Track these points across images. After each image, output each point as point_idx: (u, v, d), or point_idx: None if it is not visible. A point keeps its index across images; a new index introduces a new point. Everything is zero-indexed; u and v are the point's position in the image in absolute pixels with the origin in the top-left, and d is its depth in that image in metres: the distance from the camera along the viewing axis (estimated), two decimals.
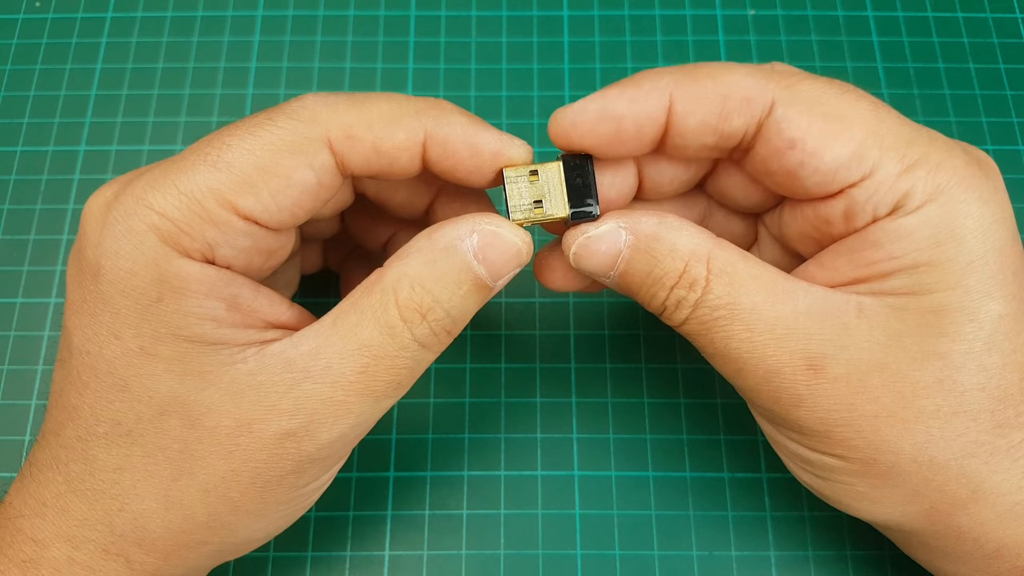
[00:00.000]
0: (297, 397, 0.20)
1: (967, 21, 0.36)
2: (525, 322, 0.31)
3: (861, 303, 0.20)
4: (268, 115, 0.20)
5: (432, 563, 0.28)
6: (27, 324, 0.31)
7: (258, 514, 0.21)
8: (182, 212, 0.19)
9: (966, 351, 0.19)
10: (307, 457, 0.20)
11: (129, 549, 0.20)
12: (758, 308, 0.20)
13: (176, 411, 0.20)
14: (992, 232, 0.19)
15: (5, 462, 0.29)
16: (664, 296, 0.21)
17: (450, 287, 0.20)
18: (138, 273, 0.19)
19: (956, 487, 0.20)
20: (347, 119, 0.20)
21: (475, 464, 0.29)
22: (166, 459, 0.20)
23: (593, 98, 0.20)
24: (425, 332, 0.20)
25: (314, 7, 0.36)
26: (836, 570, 0.28)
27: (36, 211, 0.33)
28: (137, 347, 0.20)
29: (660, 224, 0.21)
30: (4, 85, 0.35)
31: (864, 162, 0.20)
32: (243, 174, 0.19)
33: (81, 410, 0.20)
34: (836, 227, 0.21)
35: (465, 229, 0.20)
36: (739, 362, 0.21)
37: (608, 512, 0.29)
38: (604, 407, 0.30)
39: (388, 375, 0.20)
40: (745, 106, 0.20)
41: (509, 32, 0.36)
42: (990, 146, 0.34)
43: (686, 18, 0.36)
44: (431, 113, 0.21)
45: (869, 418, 0.20)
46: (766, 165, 0.21)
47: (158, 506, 0.20)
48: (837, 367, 0.20)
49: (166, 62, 0.35)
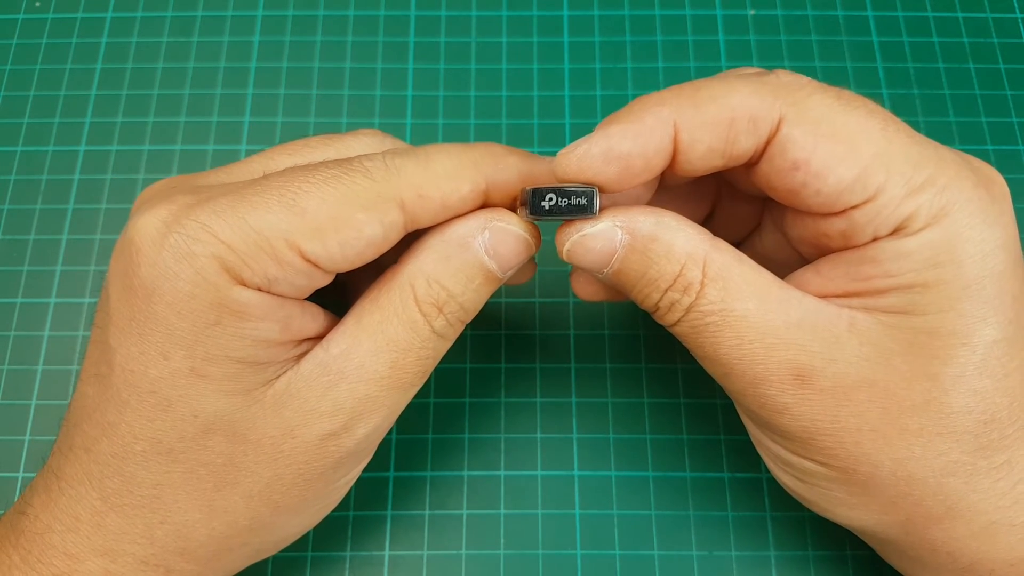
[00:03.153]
0: (335, 399, 0.21)
1: (967, 21, 0.36)
2: (525, 322, 0.31)
3: (853, 318, 0.20)
4: (344, 168, 0.20)
5: (432, 563, 0.28)
6: (27, 324, 0.31)
7: (297, 511, 0.22)
8: (248, 246, 0.19)
9: (957, 374, 0.19)
10: (346, 452, 0.21)
11: (170, 559, 0.21)
12: (750, 316, 0.20)
13: (221, 429, 0.20)
14: (993, 257, 0.19)
15: (5, 462, 0.29)
16: (657, 297, 0.21)
17: (463, 281, 0.21)
18: (197, 296, 0.19)
19: (932, 503, 0.20)
20: (416, 180, 0.21)
21: (475, 464, 0.29)
22: (208, 473, 0.20)
23: (596, 139, 0.20)
24: (443, 324, 0.21)
25: (314, 7, 0.36)
26: (836, 570, 0.28)
27: (36, 211, 0.33)
28: (188, 368, 0.20)
29: (657, 224, 0.21)
30: (4, 85, 0.35)
31: (869, 185, 0.19)
32: (316, 221, 0.19)
33: (119, 427, 0.20)
34: (834, 242, 0.21)
35: (476, 226, 0.21)
36: (727, 367, 0.21)
37: (608, 512, 0.29)
38: (604, 407, 0.30)
39: (415, 366, 0.21)
40: (751, 127, 0.20)
41: (509, 32, 0.36)
42: (990, 146, 0.34)
43: (686, 18, 0.36)
44: (489, 162, 0.22)
45: (851, 431, 0.20)
46: (769, 181, 0.21)
47: (201, 516, 0.20)
48: (824, 379, 0.20)
49: (166, 62, 0.35)
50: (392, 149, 0.22)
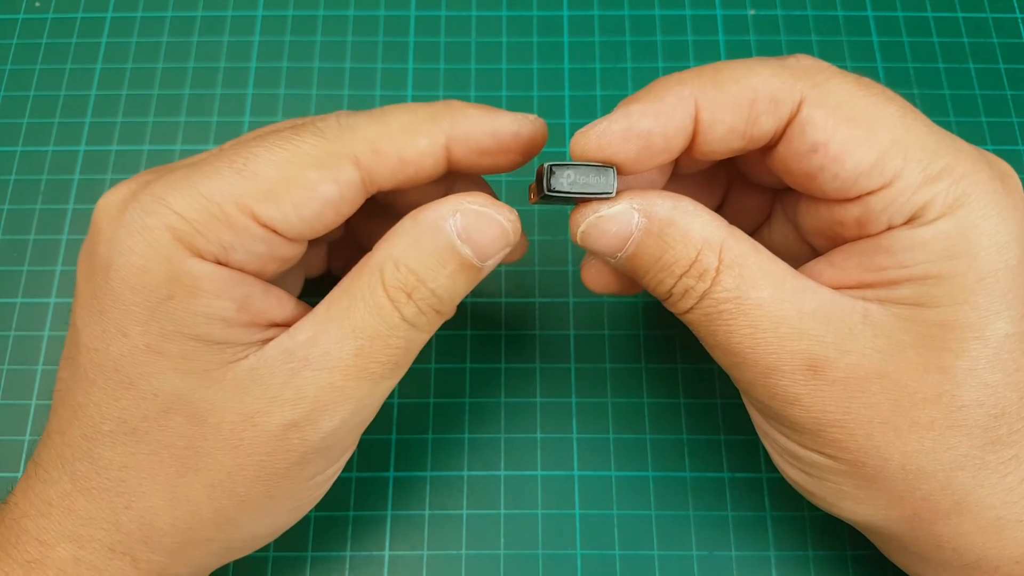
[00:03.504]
0: (297, 386, 0.20)
1: (967, 21, 0.36)
2: (525, 322, 0.31)
3: (867, 310, 0.20)
4: (294, 131, 0.20)
5: (432, 563, 0.28)
6: (27, 324, 0.31)
7: (264, 509, 0.21)
8: (200, 214, 0.19)
9: (969, 368, 0.19)
10: (311, 447, 0.21)
11: (135, 547, 0.20)
12: (764, 304, 0.20)
13: (181, 409, 0.20)
14: (1007, 250, 0.19)
15: (5, 462, 0.29)
16: (671, 283, 0.21)
17: (433, 267, 0.20)
18: (150, 270, 0.19)
19: (940, 497, 0.20)
20: (370, 134, 0.20)
21: (475, 464, 0.29)
22: (171, 456, 0.20)
23: (616, 117, 0.20)
24: (413, 312, 0.20)
25: (314, 7, 0.36)
26: (836, 570, 0.28)
27: (36, 211, 0.33)
28: (144, 344, 0.20)
29: (675, 208, 0.20)
30: (4, 85, 0.35)
31: (886, 171, 0.19)
32: (267, 183, 0.19)
33: (87, 408, 0.20)
34: (848, 230, 0.21)
35: (448, 209, 0.20)
36: (739, 356, 0.20)
37: (608, 512, 0.29)
38: (604, 407, 0.30)
39: (383, 356, 0.20)
40: (773, 108, 0.20)
41: (509, 32, 0.36)
42: (990, 146, 0.34)
43: (686, 18, 0.36)
44: (446, 114, 0.21)
45: (863, 423, 0.20)
46: (786, 164, 0.20)
47: (164, 503, 0.20)
48: (836, 371, 0.20)
49: (166, 62, 0.35)
50: (348, 111, 0.22)
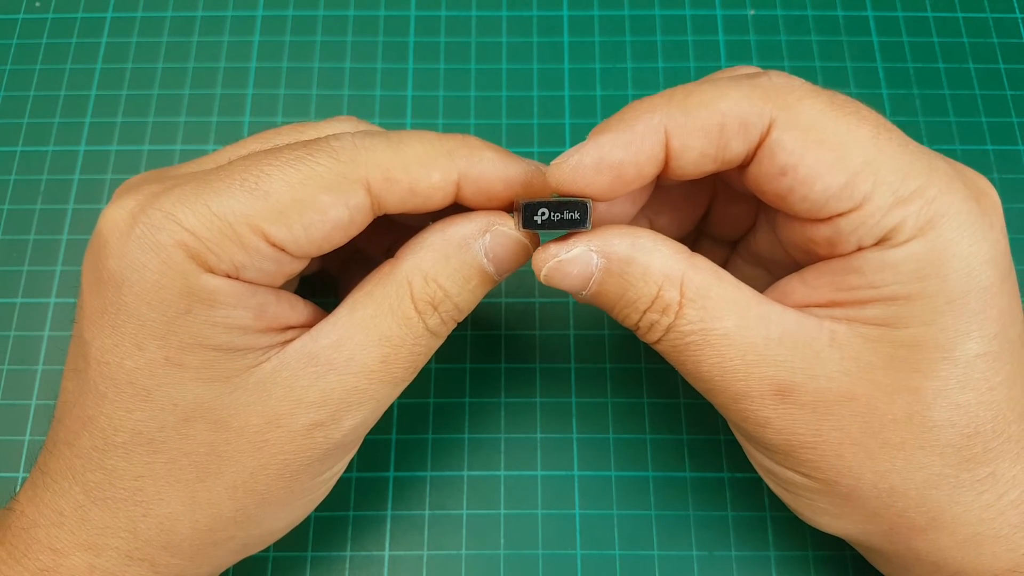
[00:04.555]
0: (323, 389, 0.20)
1: (967, 21, 0.36)
2: (525, 322, 0.31)
3: (834, 331, 0.20)
4: (307, 150, 0.20)
5: (432, 563, 0.28)
6: (27, 324, 0.31)
7: (284, 503, 0.22)
8: (212, 233, 0.19)
9: (939, 388, 0.19)
10: (334, 443, 0.21)
11: (154, 553, 0.21)
12: (730, 334, 0.20)
13: (202, 416, 0.20)
14: (980, 271, 0.19)
15: (5, 462, 0.29)
16: (636, 318, 0.21)
17: (460, 282, 0.21)
18: (165, 286, 0.19)
19: (915, 515, 0.20)
20: (384, 161, 0.20)
21: (475, 464, 0.29)
22: (191, 463, 0.20)
23: (587, 149, 0.20)
24: (436, 322, 0.21)
25: (314, 7, 0.36)
26: (836, 570, 0.28)
27: (36, 211, 0.33)
28: (162, 358, 0.20)
29: (632, 246, 0.21)
30: (4, 85, 0.35)
31: (855, 194, 0.19)
32: (279, 204, 0.19)
33: (98, 420, 0.20)
34: (820, 248, 0.21)
35: (478, 228, 0.21)
36: (709, 383, 0.21)
37: (608, 512, 0.29)
38: (604, 407, 0.30)
39: (406, 362, 0.21)
40: (743, 131, 0.20)
41: (509, 32, 0.36)
42: (990, 146, 0.34)
43: (686, 18, 0.36)
44: (462, 153, 0.21)
45: (833, 444, 0.20)
46: (758, 184, 0.21)
47: (184, 508, 0.20)
48: (805, 394, 0.20)
49: (166, 62, 0.35)
50: (364, 130, 0.22)
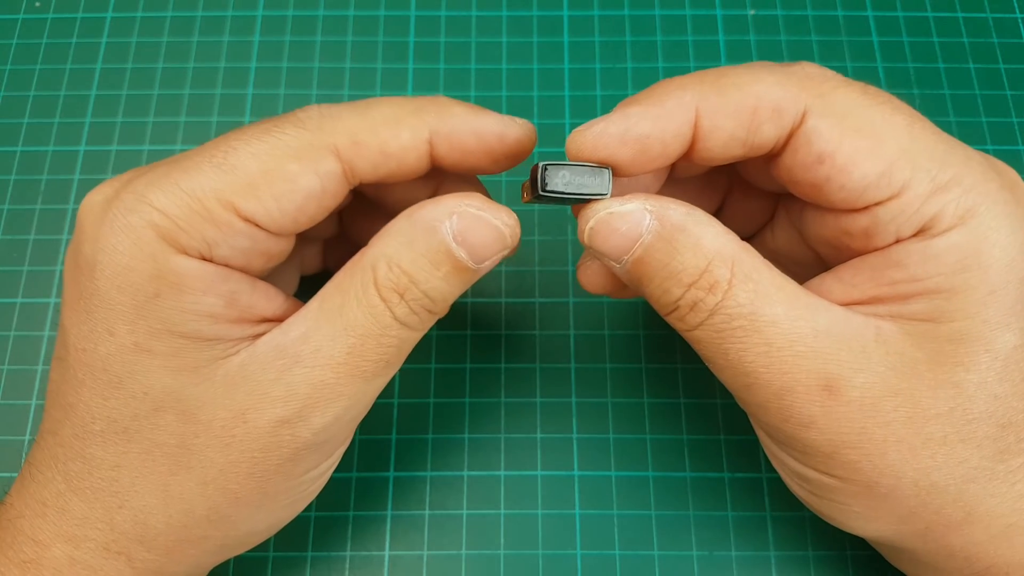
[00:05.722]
0: (289, 383, 0.20)
1: (967, 21, 0.36)
2: (525, 322, 0.31)
3: (879, 327, 0.20)
4: (274, 123, 0.20)
5: (432, 563, 0.28)
6: (27, 324, 0.31)
7: (258, 505, 0.21)
8: (182, 210, 0.19)
9: (980, 381, 0.19)
10: (303, 443, 0.21)
11: (130, 547, 0.20)
12: (779, 322, 0.19)
13: (171, 407, 0.20)
14: (1017, 262, 0.19)
15: (5, 462, 0.29)
16: (679, 294, 0.20)
17: (427, 268, 0.20)
18: (135, 268, 0.19)
19: (952, 510, 0.20)
20: (351, 125, 0.20)
21: (475, 464, 0.29)
22: (163, 455, 0.20)
23: (615, 119, 0.20)
24: (405, 312, 0.20)
25: (314, 7, 0.36)
26: (836, 570, 0.28)
27: (36, 211, 0.33)
28: (132, 343, 0.19)
29: (688, 215, 0.20)
30: (4, 85, 0.35)
31: (894, 181, 0.19)
32: (247, 177, 0.19)
33: (77, 408, 0.20)
34: (856, 241, 0.20)
35: (444, 210, 0.20)
36: (752, 376, 0.20)
37: (608, 512, 0.29)
38: (604, 407, 0.30)
39: (375, 354, 0.20)
40: (775, 116, 0.19)
41: (509, 32, 0.36)
42: (990, 146, 0.34)
43: (686, 18, 0.36)
44: (431, 109, 0.21)
45: (877, 442, 0.20)
46: (792, 174, 0.20)
47: (157, 501, 0.20)
48: (852, 390, 0.19)
49: (166, 62, 0.35)
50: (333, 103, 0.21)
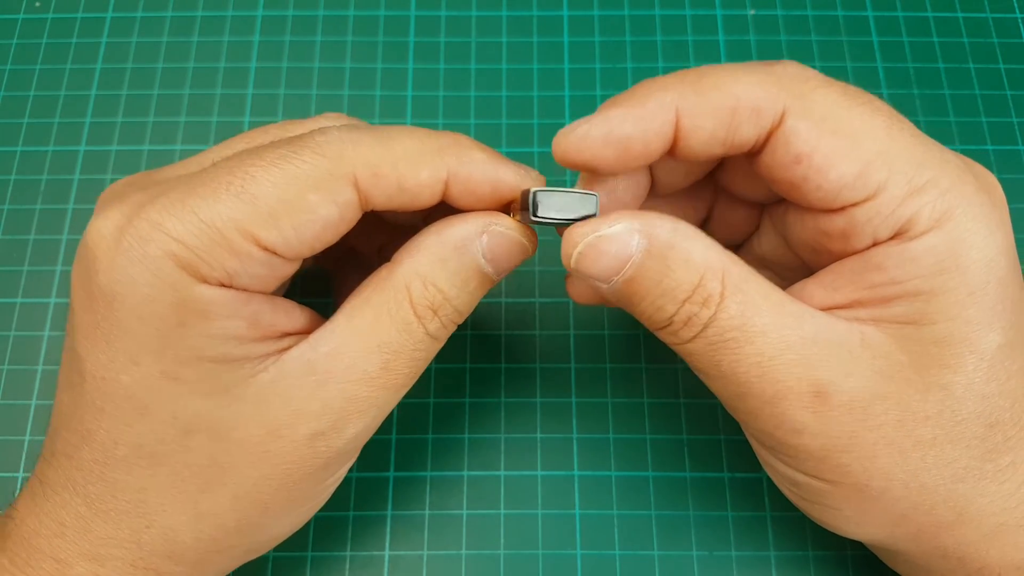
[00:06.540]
0: (323, 398, 0.20)
1: (967, 21, 0.36)
2: (525, 322, 0.31)
3: (864, 332, 0.20)
4: (293, 147, 0.20)
5: (432, 563, 0.28)
6: (27, 324, 0.31)
7: (287, 511, 0.22)
8: (202, 241, 0.19)
9: (968, 382, 0.19)
10: (335, 451, 0.21)
11: (158, 562, 0.20)
12: (768, 331, 0.19)
13: (203, 429, 0.20)
14: (995, 263, 0.19)
15: (5, 462, 0.29)
16: (673, 310, 0.20)
17: (459, 285, 0.21)
18: (156, 299, 0.19)
19: (943, 511, 0.20)
20: (372, 156, 0.20)
21: (475, 464, 0.29)
22: (193, 474, 0.20)
23: (596, 121, 0.20)
24: (436, 326, 0.21)
25: (314, 7, 0.36)
26: (836, 570, 0.28)
27: (36, 211, 0.33)
28: (159, 372, 0.19)
29: (675, 231, 0.20)
30: (4, 85, 0.35)
31: (869, 183, 0.19)
32: (267, 207, 0.19)
33: (97, 434, 0.20)
34: (834, 243, 0.21)
35: (475, 229, 0.21)
36: (744, 386, 0.20)
37: (608, 512, 0.29)
38: (604, 407, 0.30)
39: (407, 368, 0.21)
40: (754, 117, 0.19)
41: (509, 32, 0.36)
42: (990, 146, 0.34)
43: (686, 18, 0.36)
44: (452, 151, 0.21)
45: (868, 446, 0.20)
46: (771, 172, 0.20)
47: (187, 519, 0.20)
48: (842, 395, 0.19)
49: (166, 62, 0.35)
50: (351, 124, 0.21)
